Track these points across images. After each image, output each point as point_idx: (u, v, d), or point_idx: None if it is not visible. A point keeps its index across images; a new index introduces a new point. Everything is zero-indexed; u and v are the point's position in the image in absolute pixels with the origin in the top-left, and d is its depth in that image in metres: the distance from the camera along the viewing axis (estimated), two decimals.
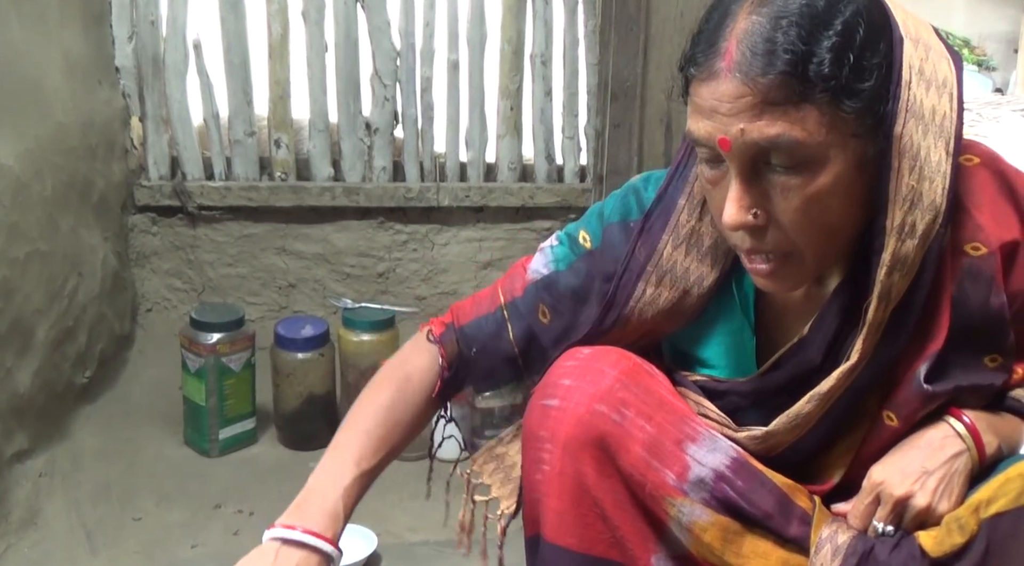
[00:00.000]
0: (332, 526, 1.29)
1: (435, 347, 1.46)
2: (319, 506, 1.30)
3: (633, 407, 1.28)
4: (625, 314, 1.36)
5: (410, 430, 1.44)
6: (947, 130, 1.16)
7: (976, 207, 1.22)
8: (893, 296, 1.19)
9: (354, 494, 1.33)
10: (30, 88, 2.38)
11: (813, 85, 1.07)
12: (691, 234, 1.33)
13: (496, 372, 1.47)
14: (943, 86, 1.16)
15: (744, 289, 1.36)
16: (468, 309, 1.48)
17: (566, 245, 1.44)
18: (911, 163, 1.14)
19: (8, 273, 2.17)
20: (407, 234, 3.17)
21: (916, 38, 1.15)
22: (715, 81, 1.11)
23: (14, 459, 2.22)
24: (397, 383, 1.43)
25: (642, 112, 2.89)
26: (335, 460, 1.35)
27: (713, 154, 1.16)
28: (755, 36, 1.09)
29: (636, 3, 2.81)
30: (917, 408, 1.26)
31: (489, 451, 1.56)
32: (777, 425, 1.29)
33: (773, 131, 1.09)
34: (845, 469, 1.32)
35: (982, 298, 1.22)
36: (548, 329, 1.42)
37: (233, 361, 2.54)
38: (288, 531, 1.27)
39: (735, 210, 1.14)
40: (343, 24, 3.00)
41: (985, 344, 1.25)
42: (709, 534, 1.27)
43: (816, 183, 1.12)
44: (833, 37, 1.08)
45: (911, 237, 1.16)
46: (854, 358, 1.21)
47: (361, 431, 1.38)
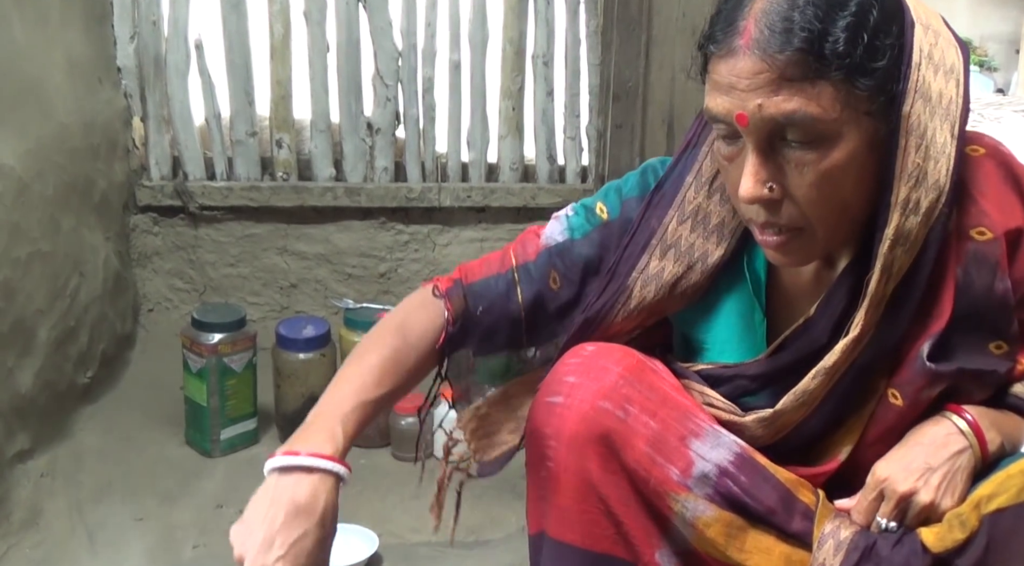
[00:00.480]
0: (333, 444, 1.24)
1: (440, 302, 1.44)
2: (318, 431, 1.25)
3: (637, 404, 1.28)
4: (627, 285, 1.37)
5: (411, 375, 1.39)
6: (952, 114, 1.19)
7: (981, 194, 1.25)
8: (895, 271, 1.21)
9: (354, 420, 1.28)
10: (32, 88, 2.38)
11: (828, 63, 1.11)
12: (697, 211, 1.36)
13: (499, 333, 1.46)
14: (950, 72, 1.19)
15: (755, 271, 1.37)
16: (477, 268, 1.47)
17: (582, 215, 1.45)
18: (918, 141, 1.17)
19: (10, 273, 2.17)
20: (409, 234, 3.17)
21: (927, 24, 1.19)
22: (733, 58, 1.14)
23: (16, 459, 2.22)
24: (401, 331, 1.40)
25: (644, 113, 2.89)
26: (334, 392, 1.32)
27: (730, 130, 1.18)
28: (773, 15, 1.12)
29: (638, 4, 2.81)
30: (921, 387, 1.27)
31: (475, 410, 1.53)
32: (785, 403, 1.30)
33: (790, 106, 1.12)
34: (851, 447, 1.33)
35: (987, 282, 1.24)
36: (557, 296, 1.43)
37: (235, 361, 2.54)
38: (288, 458, 1.22)
39: (751, 184, 1.17)
40: (345, 24, 3.00)
41: (990, 329, 1.26)
42: (713, 529, 1.28)
43: (830, 159, 1.15)
44: (848, 17, 1.12)
45: (915, 214, 1.19)
46: (856, 331, 1.23)
47: (362, 366, 1.34)
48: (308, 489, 1.21)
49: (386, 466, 2.53)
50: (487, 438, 1.52)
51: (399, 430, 2.55)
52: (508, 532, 2.25)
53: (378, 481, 2.41)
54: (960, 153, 1.20)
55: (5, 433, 2.17)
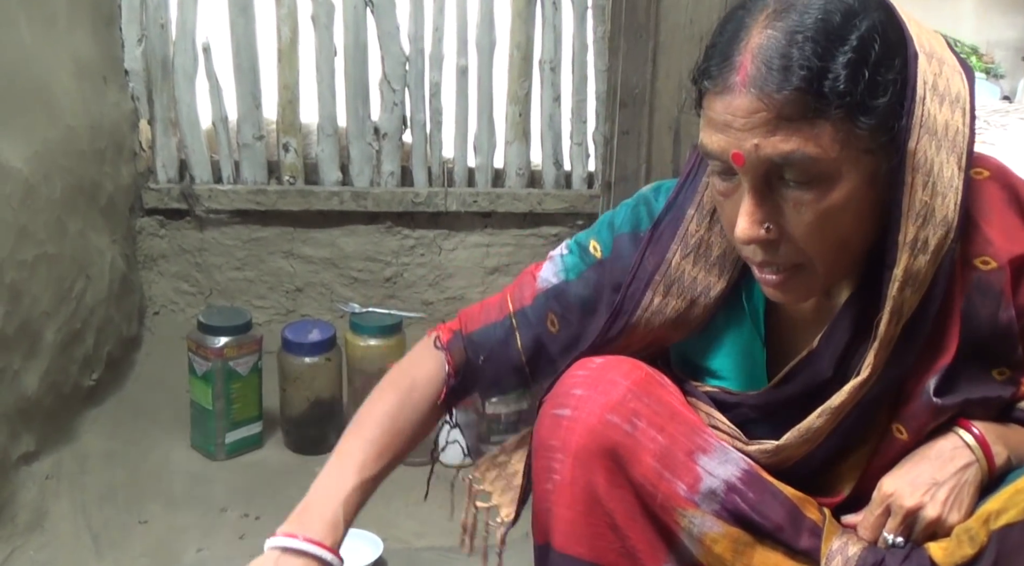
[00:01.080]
0: (332, 534, 1.30)
1: (442, 354, 1.46)
2: (320, 514, 1.31)
3: (645, 418, 1.28)
4: (632, 322, 1.36)
5: (414, 437, 1.44)
6: (960, 145, 1.16)
7: (985, 221, 1.22)
8: (905, 311, 1.19)
9: (355, 502, 1.34)
10: (39, 91, 2.38)
11: (828, 102, 1.07)
12: (700, 244, 1.33)
13: (503, 380, 1.47)
14: (956, 101, 1.16)
15: (754, 301, 1.36)
16: (476, 316, 1.48)
17: (576, 254, 1.44)
18: (924, 179, 1.14)
19: (16, 276, 2.17)
20: (415, 239, 3.17)
21: (930, 53, 1.15)
22: (729, 95, 1.11)
23: (21, 461, 2.22)
24: (402, 389, 1.43)
25: (651, 119, 2.89)
26: (337, 468, 1.36)
27: (725, 167, 1.15)
28: (770, 51, 1.09)
29: (645, 10, 2.81)
30: (927, 421, 1.26)
31: (492, 459, 1.55)
32: (788, 439, 1.29)
33: (787, 147, 1.09)
34: (855, 482, 1.32)
35: (991, 312, 1.22)
36: (556, 338, 1.43)
37: (240, 365, 2.54)
38: (289, 540, 1.28)
39: (747, 224, 1.14)
40: (352, 29, 3.00)
41: (993, 357, 1.25)
42: (720, 545, 1.27)
43: (829, 198, 1.12)
44: (849, 53, 1.08)
45: (923, 252, 1.16)
46: (865, 373, 1.21)
47: (364, 438, 1.38)
48: None
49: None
50: (509, 492, 1.53)
51: None
52: (512, 538, 2.24)
53: (383, 486, 2.38)
54: (967, 184, 1.17)
55: (10, 435, 2.17)
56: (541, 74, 3.15)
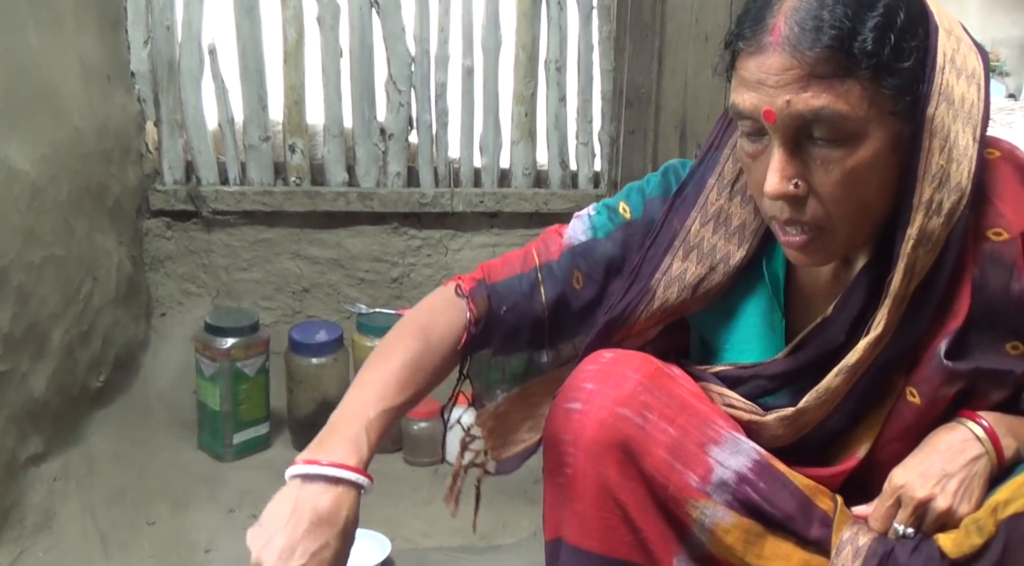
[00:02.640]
0: (356, 454, 1.23)
1: (463, 302, 1.44)
2: (341, 437, 1.24)
3: (656, 410, 1.29)
4: (650, 286, 1.38)
5: (434, 377, 1.38)
6: (974, 117, 1.21)
7: (998, 196, 1.26)
8: (917, 271, 1.23)
9: (377, 427, 1.27)
10: (46, 93, 2.38)
11: (857, 60, 1.13)
12: (719, 212, 1.37)
13: (521, 333, 1.46)
14: (972, 76, 1.21)
15: (774, 271, 1.38)
16: (499, 268, 1.47)
17: (604, 215, 1.46)
18: (941, 143, 1.19)
19: (24, 278, 2.17)
20: (421, 239, 3.17)
21: (949, 29, 1.21)
22: (763, 54, 1.16)
23: (29, 463, 2.23)
24: (422, 332, 1.39)
25: (657, 118, 2.89)
26: (357, 396, 1.30)
27: (755, 127, 1.20)
28: (803, 12, 1.14)
29: (651, 10, 2.81)
30: (939, 385, 1.28)
31: (493, 409, 1.54)
32: (807, 401, 1.31)
33: (818, 103, 1.14)
34: (869, 445, 1.33)
35: (1003, 282, 1.25)
36: (580, 295, 1.44)
37: (247, 366, 2.54)
38: (310, 467, 1.21)
39: (777, 180, 1.18)
40: (358, 30, 3.01)
41: (1007, 329, 1.27)
42: (731, 536, 1.28)
43: (856, 156, 1.17)
44: (876, 17, 1.14)
45: (937, 215, 1.20)
46: (879, 330, 1.24)
47: (385, 370, 1.32)
48: (331, 500, 1.20)
49: (399, 471, 2.53)
50: (505, 436, 1.53)
51: (411, 435, 2.55)
52: (520, 537, 2.25)
53: (390, 486, 2.41)
54: (981, 157, 1.22)
55: (18, 437, 2.18)
56: (547, 74, 3.15)
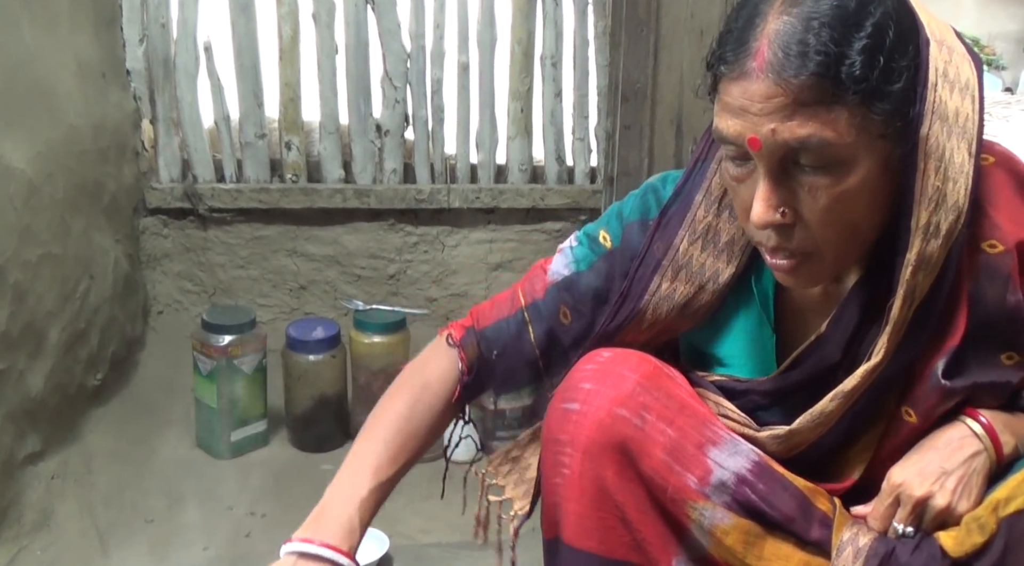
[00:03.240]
0: (349, 538, 1.30)
1: (455, 351, 1.46)
2: (336, 518, 1.31)
3: (654, 411, 1.28)
4: (640, 308, 1.36)
5: (428, 437, 1.43)
6: (969, 131, 1.17)
7: (992, 206, 1.23)
8: (917, 295, 1.20)
9: (371, 505, 1.34)
10: (42, 92, 2.38)
11: (845, 87, 1.08)
12: (708, 230, 1.34)
13: (516, 375, 1.47)
14: (966, 88, 1.17)
15: (763, 286, 1.36)
16: (488, 312, 1.48)
17: (585, 245, 1.44)
18: (937, 164, 1.14)
19: (20, 276, 2.17)
20: (418, 236, 3.17)
21: (940, 40, 1.16)
22: (746, 80, 1.11)
23: (26, 461, 2.23)
24: (416, 389, 1.43)
25: (653, 113, 2.88)
26: (352, 471, 1.36)
27: (740, 152, 1.16)
28: (787, 37, 1.09)
29: (646, 5, 2.81)
30: (935, 404, 1.26)
31: (505, 454, 1.56)
32: (800, 424, 1.29)
33: (804, 132, 1.09)
34: (864, 466, 1.32)
35: (999, 295, 1.23)
36: (569, 330, 1.43)
37: (244, 363, 2.54)
38: (305, 545, 1.28)
39: (763, 209, 1.15)
40: (353, 26, 3.00)
41: (1002, 341, 1.25)
42: (731, 537, 1.27)
43: (844, 183, 1.13)
44: (864, 39, 1.09)
45: (935, 237, 1.16)
46: (878, 357, 1.22)
47: (379, 440, 1.37)
48: None
49: None
50: (522, 485, 1.53)
51: None
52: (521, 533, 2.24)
53: None
54: (977, 170, 1.18)
55: (16, 435, 2.18)
56: (542, 70, 3.15)
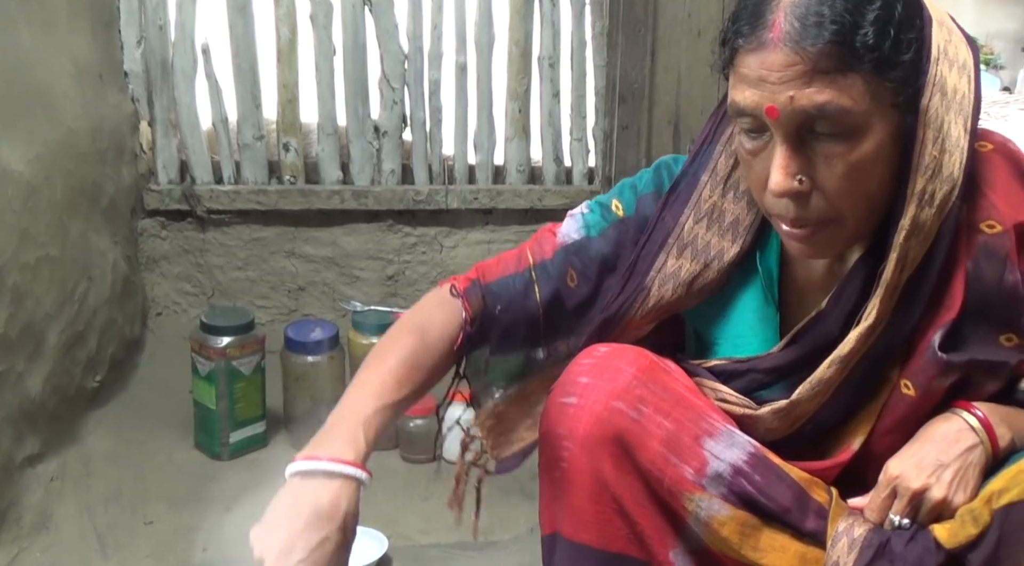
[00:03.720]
0: (355, 450, 1.25)
1: (458, 302, 1.45)
2: (339, 436, 1.26)
3: (651, 404, 1.29)
4: (645, 284, 1.38)
5: (431, 375, 1.40)
6: (965, 109, 1.22)
7: (991, 189, 1.26)
8: (909, 261, 1.23)
9: (375, 423, 1.29)
10: (40, 93, 2.38)
11: (859, 55, 1.13)
12: (712, 209, 1.37)
13: (517, 332, 1.46)
14: (963, 68, 1.22)
15: (768, 266, 1.38)
16: (494, 268, 1.48)
17: (597, 213, 1.46)
18: (935, 134, 1.19)
19: (19, 278, 2.17)
20: (416, 237, 3.18)
21: (941, 20, 1.21)
22: (763, 51, 1.15)
23: (26, 463, 2.22)
24: (419, 332, 1.40)
25: (650, 114, 2.89)
26: (354, 395, 1.32)
27: (756, 124, 1.19)
28: (803, 8, 1.14)
29: (644, 5, 2.81)
30: (933, 376, 1.28)
31: (492, 408, 1.53)
32: (800, 393, 1.31)
33: (822, 98, 1.13)
34: (864, 438, 1.33)
35: (997, 275, 1.25)
36: (574, 293, 1.44)
37: (243, 364, 2.54)
38: (309, 462, 1.23)
39: (782, 177, 1.18)
40: (351, 28, 3.01)
41: (1001, 321, 1.27)
42: (727, 528, 1.28)
43: (859, 150, 1.17)
44: (876, 10, 1.14)
45: (929, 205, 1.20)
46: (871, 319, 1.24)
47: (382, 369, 1.34)
48: (330, 494, 1.22)
49: (395, 468, 2.53)
50: (504, 435, 1.53)
51: (408, 432, 2.55)
52: (517, 533, 2.25)
53: (387, 483, 2.42)
54: (972, 148, 1.22)
55: (15, 437, 2.17)
56: (540, 70, 3.15)
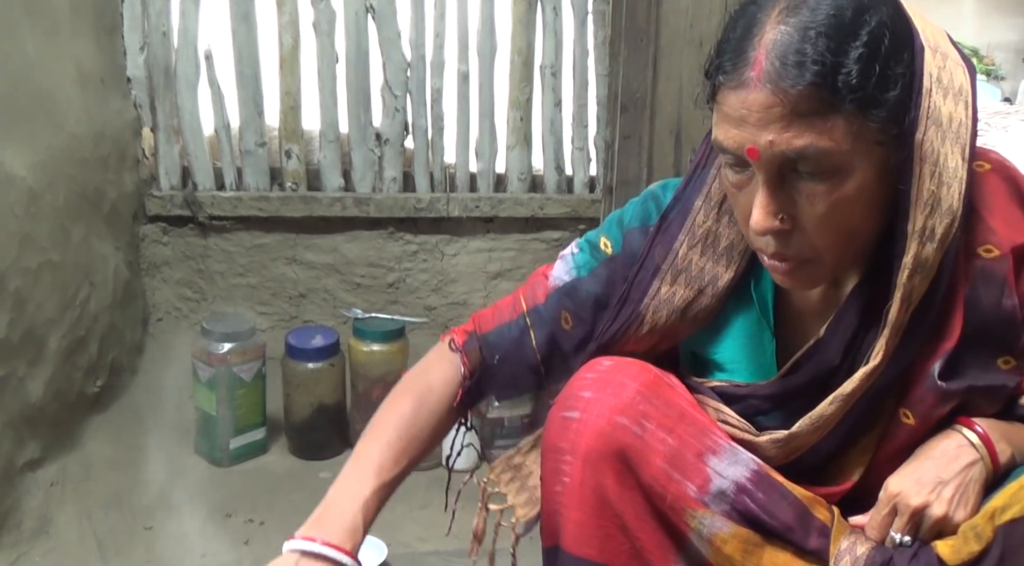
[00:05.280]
0: (351, 538, 1.30)
1: (456, 356, 1.47)
2: (338, 518, 1.31)
3: (654, 420, 1.29)
4: (639, 311, 1.37)
5: (430, 440, 1.44)
6: (963, 137, 1.19)
7: (988, 211, 1.25)
8: (914, 298, 1.22)
9: (374, 506, 1.34)
10: (42, 99, 2.39)
11: (841, 96, 1.10)
12: (707, 235, 1.35)
13: (518, 380, 1.47)
14: (959, 94, 1.19)
15: (762, 291, 1.37)
16: (490, 317, 1.49)
17: (587, 252, 1.46)
18: (932, 168, 1.16)
19: (21, 283, 2.17)
20: (417, 244, 3.18)
21: (935, 47, 1.18)
22: (744, 90, 1.13)
23: (26, 468, 2.23)
24: (418, 393, 1.44)
25: (652, 123, 2.89)
26: (355, 472, 1.36)
27: (738, 160, 1.17)
28: (784, 47, 1.11)
29: (646, 15, 2.81)
30: (933, 405, 1.27)
31: (507, 461, 1.56)
32: (800, 427, 1.30)
33: (801, 142, 1.11)
34: (863, 468, 1.33)
35: (994, 299, 1.24)
36: (570, 335, 1.44)
37: (244, 371, 2.54)
38: (307, 543, 1.28)
39: (762, 216, 1.16)
40: (354, 35, 3.01)
41: (998, 345, 1.26)
42: (729, 546, 1.28)
43: (841, 190, 1.15)
44: (860, 48, 1.10)
45: (931, 241, 1.18)
46: (876, 361, 1.23)
47: (382, 442, 1.38)
48: None
49: None
50: (525, 492, 1.53)
51: None
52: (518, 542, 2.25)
53: None
54: (971, 174, 1.20)
55: (15, 442, 2.18)
56: (542, 79, 3.16)
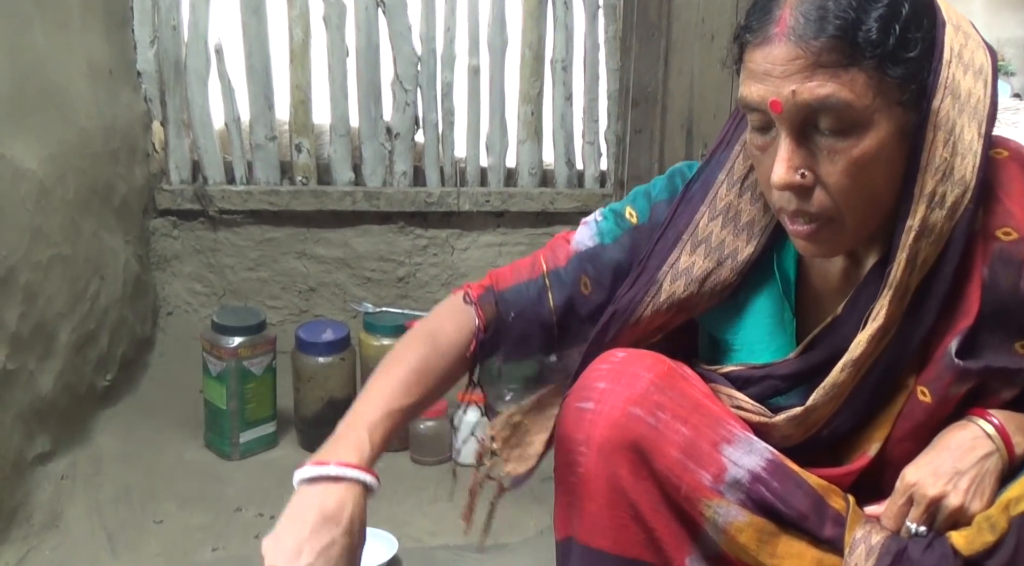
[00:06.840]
0: (359, 454, 1.24)
1: (471, 309, 1.45)
2: (346, 440, 1.26)
3: (668, 410, 1.29)
4: (657, 278, 1.37)
5: (442, 382, 1.40)
6: (980, 113, 1.22)
7: (1007, 195, 1.26)
8: (919, 263, 1.23)
9: (382, 429, 1.28)
10: (53, 93, 2.39)
11: (861, 50, 1.14)
12: (728, 208, 1.37)
13: (530, 339, 1.46)
14: (979, 72, 1.22)
15: (785, 269, 1.38)
16: (508, 275, 1.48)
17: (611, 220, 1.46)
18: (945, 137, 1.19)
19: (31, 277, 2.18)
20: (427, 239, 3.18)
21: (957, 25, 1.22)
22: (769, 45, 1.17)
23: (36, 462, 2.23)
24: (431, 338, 1.40)
25: (663, 118, 2.88)
26: (362, 402, 1.32)
27: (764, 120, 1.20)
28: (808, 3, 1.16)
29: (657, 9, 2.81)
30: (949, 383, 1.27)
31: (507, 418, 1.51)
32: (815, 399, 1.30)
33: (823, 91, 1.14)
34: (880, 444, 1.33)
35: (1013, 281, 1.24)
36: (588, 300, 1.43)
37: (254, 365, 2.54)
38: (314, 468, 1.23)
39: (784, 170, 1.18)
40: (364, 29, 3.01)
41: (1017, 329, 1.26)
42: (745, 535, 1.28)
43: (861, 146, 1.17)
44: (880, 8, 1.15)
45: (940, 207, 1.21)
46: (881, 320, 1.24)
47: (392, 376, 1.34)
48: (335, 498, 1.21)
49: (405, 470, 2.53)
50: (521, 448, 1.51)
51: (418, 434, 2.55)
52: (526, 536, 2.25)
53: (397, 485, 2.42)
54: (987, 153, 1.22)
55: (26, 436, 2.18)
56: (553, 73, 3.15)
